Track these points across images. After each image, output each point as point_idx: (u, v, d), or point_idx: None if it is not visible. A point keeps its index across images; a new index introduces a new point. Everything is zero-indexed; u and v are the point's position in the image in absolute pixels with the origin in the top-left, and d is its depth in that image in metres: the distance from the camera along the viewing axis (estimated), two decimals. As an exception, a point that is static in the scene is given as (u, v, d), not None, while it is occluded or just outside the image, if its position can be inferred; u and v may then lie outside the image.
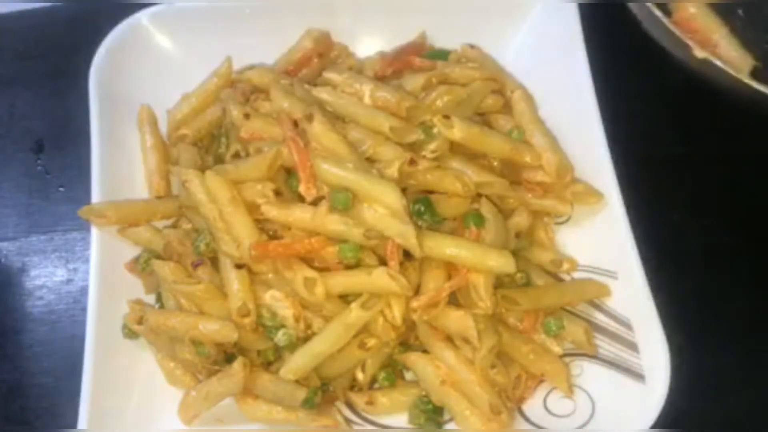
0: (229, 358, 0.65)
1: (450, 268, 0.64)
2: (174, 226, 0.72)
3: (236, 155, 0.70)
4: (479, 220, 0.65)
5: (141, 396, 0.67)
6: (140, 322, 0.66)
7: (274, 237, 0.65)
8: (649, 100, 0.83)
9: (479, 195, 0.67)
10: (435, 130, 0.67)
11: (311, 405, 0.63)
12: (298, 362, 0.63)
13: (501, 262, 0.62)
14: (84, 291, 0.70)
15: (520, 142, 0.70)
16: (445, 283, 0.63)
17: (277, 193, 0.66)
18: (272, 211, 0.64)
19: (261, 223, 0.66)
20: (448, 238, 0.64)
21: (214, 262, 0.66)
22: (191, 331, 0.64)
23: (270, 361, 0.66)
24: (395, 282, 0.61)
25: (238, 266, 0.64)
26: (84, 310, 0.67)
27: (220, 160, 0.73)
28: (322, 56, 0.79)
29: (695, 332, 0.68)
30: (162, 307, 0.68)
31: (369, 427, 0.66)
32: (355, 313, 0.62)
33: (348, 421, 0.66)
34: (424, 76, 0.73)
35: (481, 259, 0.63)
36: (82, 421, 0.63)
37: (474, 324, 0.61)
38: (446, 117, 0.67)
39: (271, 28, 0.79)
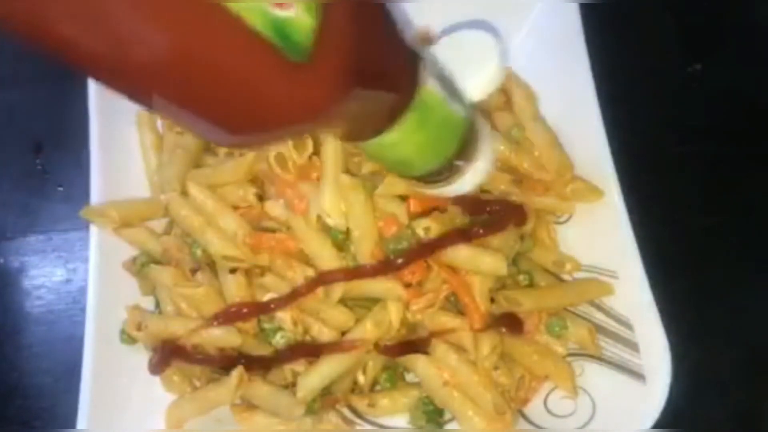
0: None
1: (449, 271, 0.64)
2: (169, 227, 0.72)
3: (229, 152, 0.70)
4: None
5: (141, 396, 0.66)
6: (139, 328, 0.66)
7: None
8: (649, 100, 0.83)
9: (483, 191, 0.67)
10: None
11: (312, 412, 0.63)
12: (314, 383, 0.62)
13: (491, 264, 0.63)
14: (83, 291, 0.69)
15: (520, 147, 0.70)
16: (443, 285, 0.64)
17: (260, 197, 0.66)
18: (276, 209, 0.65)
19: (259, 223, 0.66)
20: None
21: (213, 268, 0.66)
22: (193, 336, 0.64)
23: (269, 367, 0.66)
24: (399, 287, 0.62)
25: (232, 270, 0.64)
26: (83, 310, 0.67)
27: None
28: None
29: (696, 332, 0.68)
30: (161, 313, 0.68)
31: (369, 427, 0.66)
32: (370, 334, 0.62)
33: (348, 421, 0.66)
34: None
35: (472, 260, 0.63)
36: (82, 422, 0.62)
37: (470, 334, 0.62)
38: None
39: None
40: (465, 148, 0.50)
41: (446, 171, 0.50)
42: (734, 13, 0.88)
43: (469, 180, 0.51)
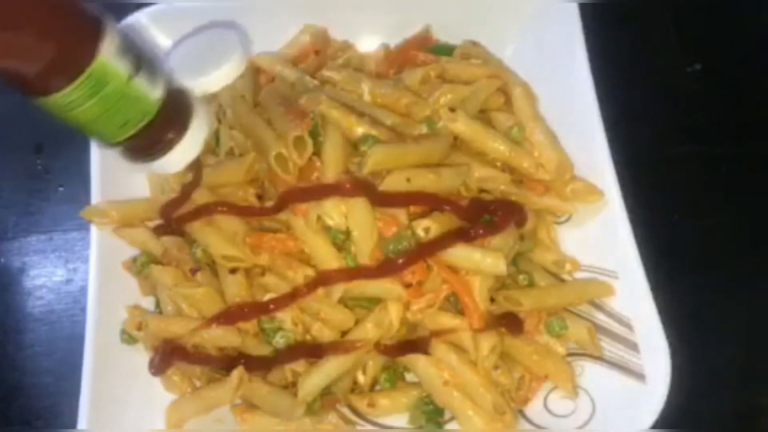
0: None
1: (449, 271, 0.64)
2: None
3: (230, 152, 0.70)
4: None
5: (141, 396, 0.67)
6: (140, 327, 0.66)
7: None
8: (648, 101, 0.83)
9: (483, 191, 0.68)
10: (440, 124, 0.68)
11: (312, 412, 0.63)
12: (315, 383, 0.63)
13: (491, 264, 0.63)
14: (84, 291, 0.70)
15: (520, 147, 0.70)
16: (443, 285, 0.64)
17: (260, 197, 0.66)
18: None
19: (259, 223, 0.66)
20: None
21: (213, 268, 0.67)
22: (194, 336, 0.64)
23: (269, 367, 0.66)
24: (399, 287, 0.62)
25: (233, 270, 0.64)
26: (84, 309, 0.67)
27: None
28: (319, 53, 0.79)
29: (695, 332, 0.68)
30: (161, 313, 0.68)
31: (369, 427, 0.66)
32: (370, 335, 0.63)
33: (348, 421, 0.66)
34: (422, 70, 0.73)
35: (472, 260, 0.63)
36: (82, 421, 0.63)
37: (470, 334, 0.62)
38: (451, 110, 0.68)
39: (272, 27, 0.79)
40: (171, 125, 0.54)
41: (157, 144, 0.54)
42: (734, 14, 0.88)
43: (177, 157, 0.55)
